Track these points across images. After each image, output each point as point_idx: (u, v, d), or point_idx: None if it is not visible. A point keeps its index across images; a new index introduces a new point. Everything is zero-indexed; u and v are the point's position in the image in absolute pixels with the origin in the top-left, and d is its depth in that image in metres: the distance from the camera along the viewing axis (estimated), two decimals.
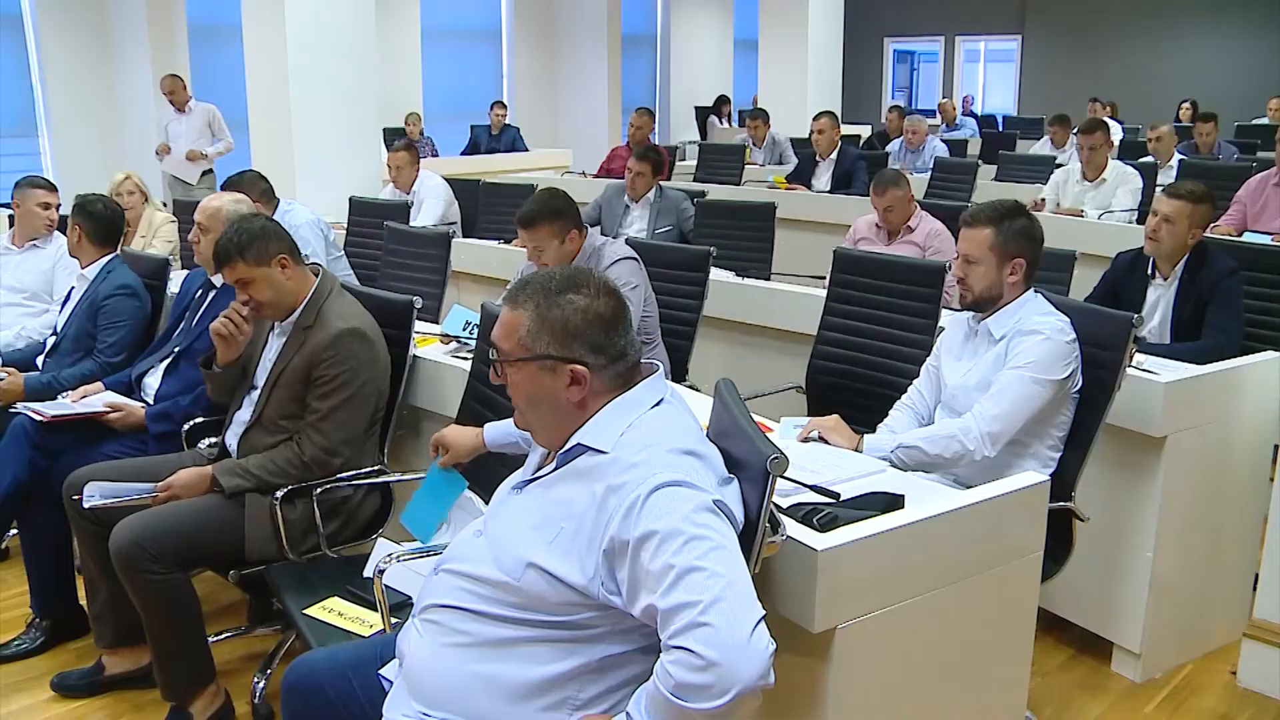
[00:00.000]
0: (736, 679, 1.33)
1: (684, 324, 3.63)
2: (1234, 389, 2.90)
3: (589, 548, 1.52)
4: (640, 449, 1.54)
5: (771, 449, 1.58)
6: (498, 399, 2.65)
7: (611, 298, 1.65)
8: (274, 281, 2.63)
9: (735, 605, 1.37)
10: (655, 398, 1.65)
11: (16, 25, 8.55)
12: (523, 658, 1.57)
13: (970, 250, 2.56)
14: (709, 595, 1.37)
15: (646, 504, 1.46)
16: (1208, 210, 3.36)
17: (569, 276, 1.66)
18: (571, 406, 1.63)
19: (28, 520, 3.01)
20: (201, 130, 7.75)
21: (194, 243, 3.15)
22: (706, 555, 1.41)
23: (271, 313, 2.67)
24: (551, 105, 12.22)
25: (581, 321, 1.61)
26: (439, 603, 1.66)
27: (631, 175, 5.46)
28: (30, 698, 2.78)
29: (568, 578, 1.53)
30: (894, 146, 8.54)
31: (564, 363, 1.61)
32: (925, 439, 2.45)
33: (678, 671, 1.35)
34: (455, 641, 1.62)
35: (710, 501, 1.48)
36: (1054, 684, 2.86)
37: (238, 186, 4.05)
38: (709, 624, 1.35)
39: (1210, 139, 7.67)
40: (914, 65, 18.14)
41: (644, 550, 1.44)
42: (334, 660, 1.87)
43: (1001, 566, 2.00)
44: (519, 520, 1.64)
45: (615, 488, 1.51)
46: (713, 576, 1.39)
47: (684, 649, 1.35)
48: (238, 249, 2.59)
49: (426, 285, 4.15)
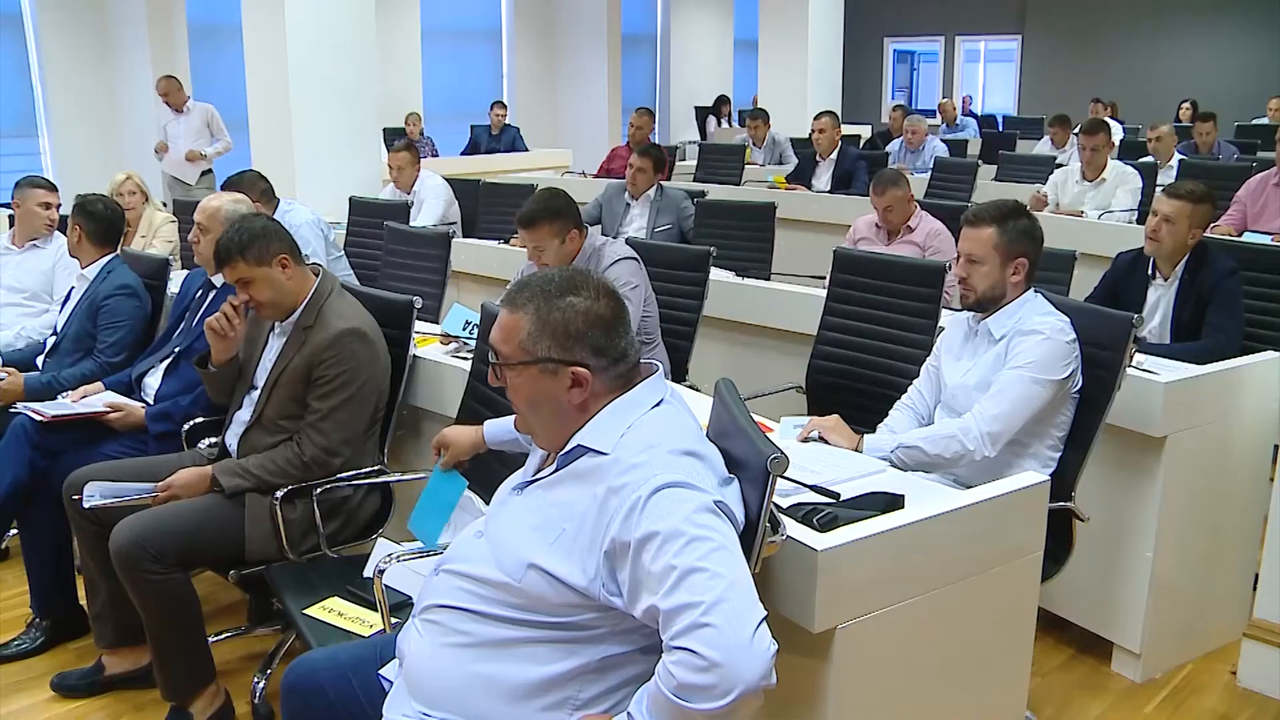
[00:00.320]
0: (739, 680, 1.33)
1: (684, 324, 3.64)
2: (1234, 389, 2.90)
3: (590, 549, 1.52)
4: (641, 450, 1.54)
5: (772, 448, 1.57)
6: (498, 399, 2.65)
7: (611, 299, 1.65)
8: (274, 281, 2.62)
9: (737, 606, 1.37)
10: (655, 398, 1.65)
11: (16, 25, 8.55)
12: (523, 658, 1.57)
13: (974, 250, 2.55)
14: (711, 596, 1.37)
15: (648, 505, 1.46)
16: (1208, 210, 3.36)
17: (568, 278, 1.65)
18: (572, 409, 1.62)
19: (28, 520, 3.01)
20: (200, 130, 7.74)
21: (194, 243, 3.15)
22: (708, 556, 1.41)
23: (271, 312, 2.67)
24: (551, 105, 12.22)
25: (582, 324, 1.60)
26: (439, 603, 1.66)
27: (633, 171, 5.47)
28: (30, 698, 2.78)
29: (569, 579, 1.53)
30: (894, 146, 8.54)
31: (565, 365, 1.60)
32: (925, 439, 2.45)
33: (680, 672, 1.35)
34: (455, 642, 1.62)
35: (711, 502, 1.48)
36: (1054, 684, 2.86)
37: (237, 186, 4.05)
38: (711, 625, 1.35)
39: (1210, 138, 7.68)
40: (914, 65, 18.14)
41: (645, 551, 1.44)
42: (334, 660, 1.86)
43: (1001, 566, 2.00)
44: (520, 521, 1.64)
45: (616, 489, 1.51)
46: (714, 577, 1.39)
47: (686, 650, 1.35)
48: (239, 248, 2.59)
49: (426, 285, 4.15)
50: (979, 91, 16.59)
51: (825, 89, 10.19)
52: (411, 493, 2.98)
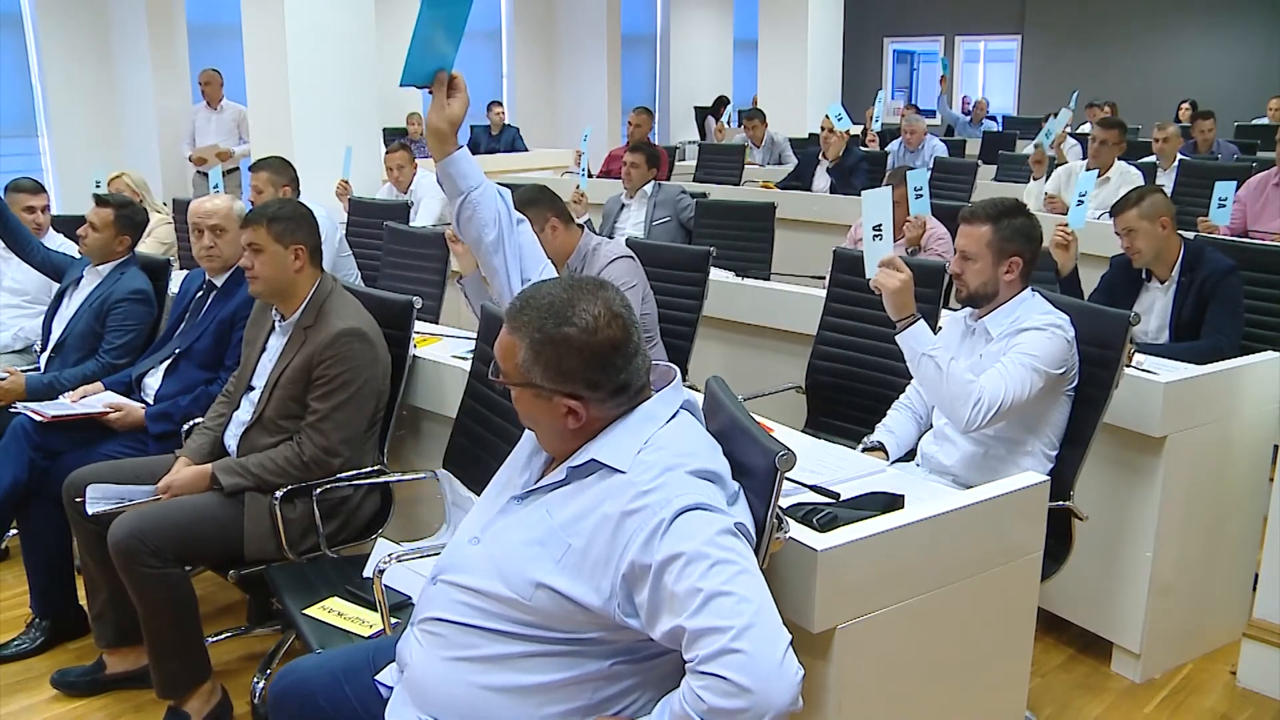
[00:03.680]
0: (770, 705, 1.33)
1: (684, 324, 3.63)
2: (1234, 389, 2.90)
3: (603, 569, 1.49)
4: (659, 471, 1.51)
5: (779, 446, 1.58)
6: (498, 399, 2.65)
7: (613, 326, 1.56)
8: (281, 263, 2.64)
9: (766, 631, 1.37)
10: (671, 411, 1.62)
11: (16, 25, 8.54)
12: (532, 669, 1.55)
13: (967, 246, 2.56)
14: (740, 621, 1.36)
15: (671, 528, 1.44)
16: (1159, 201, 3.36)
17: (568, 304, 1.56)
18: (569, 430, 1.60)
19: (28, 520, 3.01)
20: (230, 130, 7.79)
21: (210, 247, 3.09)
22: (733, 580, 1.40)
23: (262, 287, 2.68)
24: (551, 105, 12.21)
25: (575, 362, 1.55)
26: (440, 616, 1.63)
27: (626, 167, 5.46)
28: (30, 698, 2.78)
29: (582, 599, 1.50)
30: (894, 146, 8.53)
31: (559, 395, 1.57)
32: (955, 370, 2.40)
33: (711, 698, 1.35)
34: (459, 656, 1.59)
35: (732, 525, 1.47)
36: (1054, 684, 2.86)
37: (269, 168, 4.12)
38: (742, 650, 1.34)
39: (1209, 136, 7.69)
40: (914, 65, 18.13)
41: (667, 573, 1.42)
42: (325, 667, 1.84)
43: (1001, 566, 2.00)
44: (522, 534, 1.60)
45: (633, 511, 1.48)
46: (742, 601, 1.38)
47: (716, 675, 1.34)
48: (270, 217, 2.66)
49: (426, 285, 4.15)
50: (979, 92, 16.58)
51: (825, 89, 10.19)
52: (412, 493, 2.99)
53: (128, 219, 3.52)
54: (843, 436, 2.99)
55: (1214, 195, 4.23)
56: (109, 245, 3.51)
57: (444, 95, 1.86)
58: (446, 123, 1.87)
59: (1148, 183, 5.67)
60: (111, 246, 3.51)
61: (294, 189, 4.26)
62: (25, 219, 3.93)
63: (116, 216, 3.49)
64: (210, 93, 7.83)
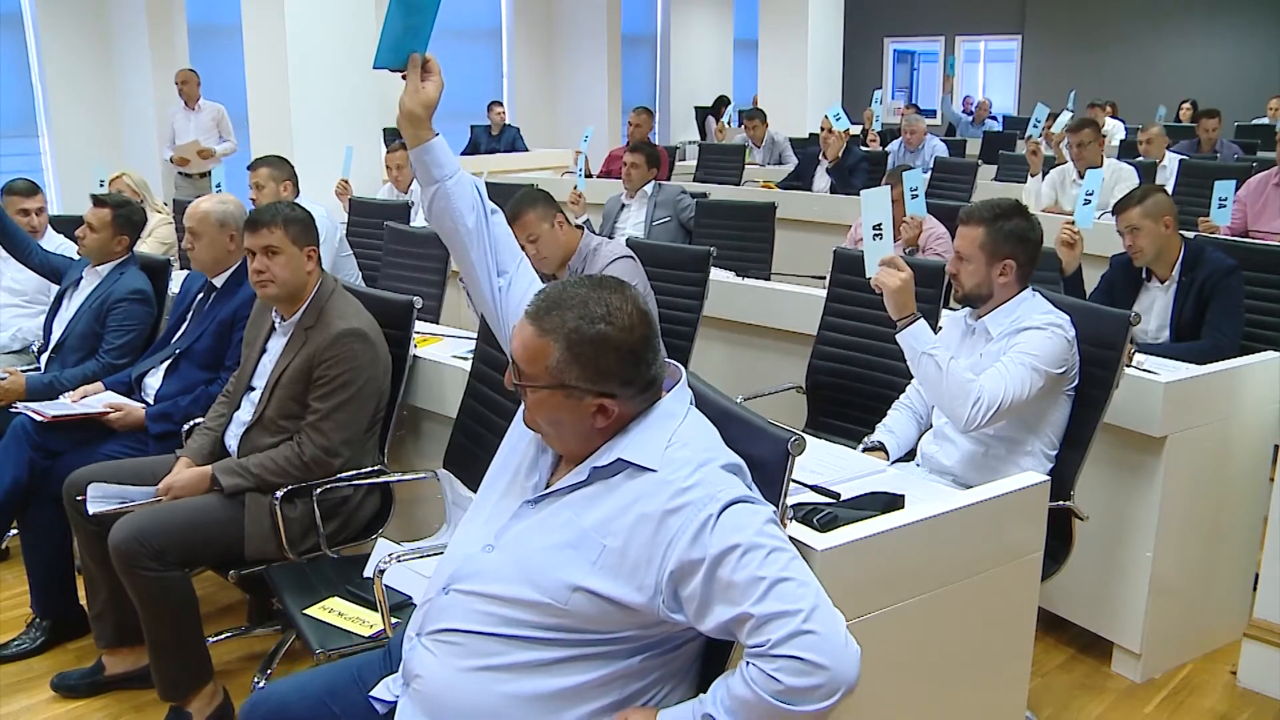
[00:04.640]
0: (842, 680, 1.39)
1: (684, 324, 3.63)
2: (1234, 389, 2.90)
3: (645, 568, 1.49)
4: (693, 469, 1.51)
5: (788, 432, 1.59)
6: (498, 399, 2.65)
7: (643, 323, 1.57)
8: (296, 266, 2.65)
9: (829, 612, 1.42)
10: (684, 407, 1.62)
11: (16, 25, 8.54)
12: (560, 673, 1.54)
13: (962, 247, 2.58)
14: (806, 604, 1.40)
15: (719, 522, 1.46)
16: (1162, 200, 3.37)
17: (602, 301, 1.55)
18: (594, 430, 1.58)
19: (28, 520, 3.01)
20: (209, 129, 7.73)
21: (188, 249, 3.11)
22: (789, 565, 1.44)
23: (277, 291, 2.66)
24: (551, 105, 12.21)
25: (613, 361, 1.53)
26: (456, 626, 1.59)
27: (627, 167, 5.46)
28: (30, 698, 2.78)
29: (623, 599, 1.50)
30: (894, 146, 8.53)
31: (593, 394, 1.55)
32: (955, 369, 2.41)
33: (787, 678, 1.38)
34: (480, 665, 1.56)
35: (771, 513, 1.50)
36: (1054, 684, 2.86)
37: (268, 165, 4.12)
38: (815, 631, 1.39)
39: (1213, 135, 7.71)
40: (914, 65, 18.12)
41: (723, 565, 1.44)
42: (304, 690, 1.76)
43: (1001, 566, 2.00)
44: (546, 538, 1.57)
45: (675, 509, 1.48)
46: (803, 585, 1.42)
47: (790, 657, 1.38)
48: (285, 219, 2.65)
49: (426, 285, 4.15)
50: (979, 92, 16.57)
51: (825, 89, 10.19)
52: (412, 493, 2.99)
53: (125, 219, 3.52)
54: (843, 436, 2.99)
55: (1214, 195, 4.22)
56: (107, 245, 3.51)
57: (419, 78, 1.80)
58: (421, 106, 1.80)
59: (1146, 181, 5.67)
60: (110, 247, 3.51)
61: (294, 185, 4.26)
62: (20, 221, 3.92)
63: (114, 217, 3.49)
64: (188, 92, 7.69)
